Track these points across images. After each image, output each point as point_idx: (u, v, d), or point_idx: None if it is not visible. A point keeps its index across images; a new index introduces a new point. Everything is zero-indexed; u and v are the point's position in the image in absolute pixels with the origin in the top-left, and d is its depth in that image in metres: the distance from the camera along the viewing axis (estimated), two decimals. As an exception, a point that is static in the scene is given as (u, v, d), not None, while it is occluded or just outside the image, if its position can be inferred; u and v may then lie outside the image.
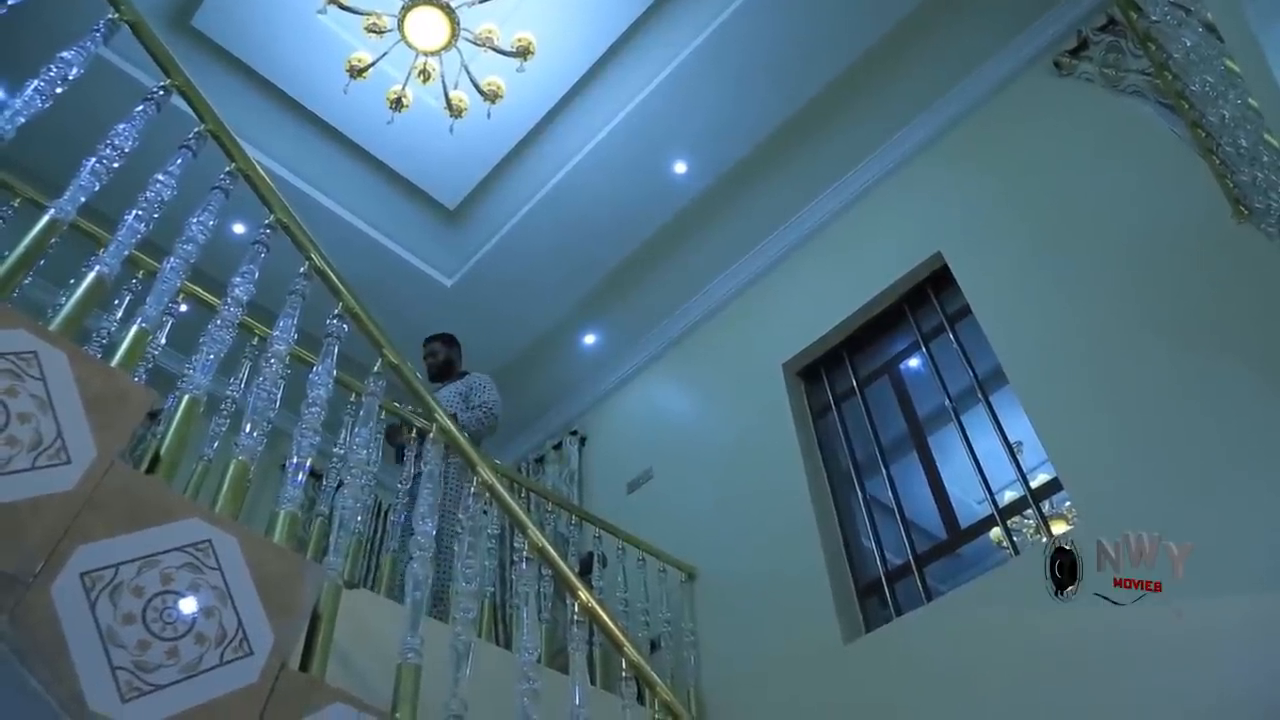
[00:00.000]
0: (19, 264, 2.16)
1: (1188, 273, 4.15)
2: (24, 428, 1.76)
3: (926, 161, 5.88)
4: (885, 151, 6.08)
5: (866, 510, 5.23)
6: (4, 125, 2.21)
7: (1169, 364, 4.02)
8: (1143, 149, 4.57)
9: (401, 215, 6.88)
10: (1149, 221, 4.41)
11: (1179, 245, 4.22)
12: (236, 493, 2.28)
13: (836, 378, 5.94)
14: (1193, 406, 3.85)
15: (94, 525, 1.78)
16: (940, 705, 3.92)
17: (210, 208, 2.66)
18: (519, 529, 3.00)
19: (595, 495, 6.96)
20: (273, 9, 5.75)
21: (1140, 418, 4.00)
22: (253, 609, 1.93)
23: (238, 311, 2.57)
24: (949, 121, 5.81)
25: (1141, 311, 4.23)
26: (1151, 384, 4.04)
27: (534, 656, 2.63)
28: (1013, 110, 5.49)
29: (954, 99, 5.78)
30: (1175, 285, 4.17)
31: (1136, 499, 3.78)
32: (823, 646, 4.63)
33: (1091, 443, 4.13)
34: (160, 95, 2.71)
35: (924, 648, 4.18)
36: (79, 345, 2.08)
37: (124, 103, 2.67)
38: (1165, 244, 4.29)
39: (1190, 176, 3.94)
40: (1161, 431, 3.89)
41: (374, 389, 2.91)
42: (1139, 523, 3.66)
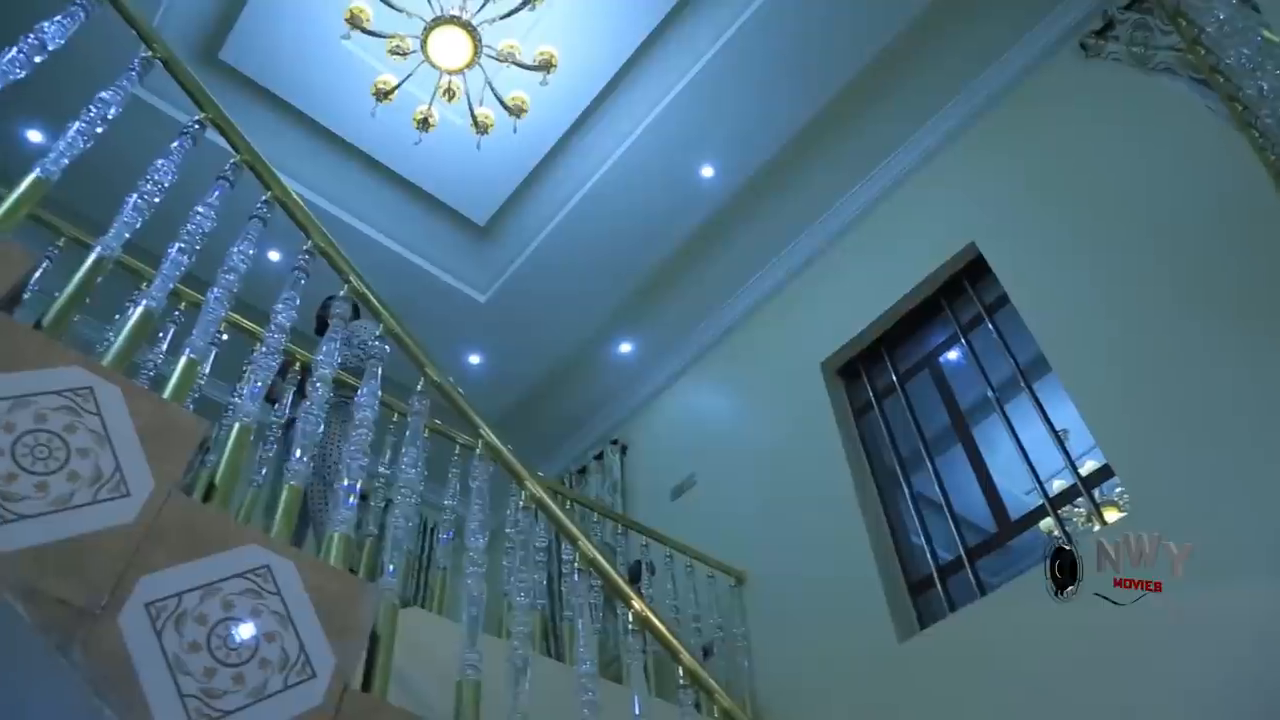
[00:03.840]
0: (70, 302, 2.20)
1: (1229, 249, 4.07)
2: (84, 462, 1.79)
3: (956, 151, 5.82)
4: (913, 144, 6.03)
5: (914, 506, 5.18)
6: (50, 167, 2.25)
7: (1214, 342, 3.95)
8: (1177, 126, 4.49)
9: (433, 234, 6.93)
10: (1187, 199, 4.33)
11: (1219, 221, 4.15)
12: (290, 517, 2.30)
13: (876, 374, 5.89)
14: (1240, 384, 3.78)
15: (155, 556, 1.80)
16: (1002, 699, 3.86)
17: (250, 236, 2.69)
18: (568, 541, 3.00)
19: (639, 504, 6.96)
20: (297, 38, 5.83)
21: (1188, 398, 3.93)
22: (313, 632, 1.94)
23: (282, 338, 2.59)
24: (977, 110, 5.75)
25: (1183, 290, 4.16)
26: (1197, 363, 3.97)
27: (592, 667, 2.62)
28: (1041, 95, 5.42)
29: (980, 87, 5.72)
30: (1216, 262, 4.09)
31: (1189, 481, 3.72)
32: (877, 645, 4.59)
33: (1140, 426, 4.06)
34: (195, 129, 2.75)
35: (981, 642, 4.12)
36: (130, 379, 2.11)
37: (150, 136, 2.71)
38: (1204, 221, 4.21)
39: (1228, 152, 3.85)
40: (1210, 411, 3.82)
41: (419, 407, 2.93)
42: (1192, 505, 3.64)
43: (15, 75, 2.36)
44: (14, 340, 1.89)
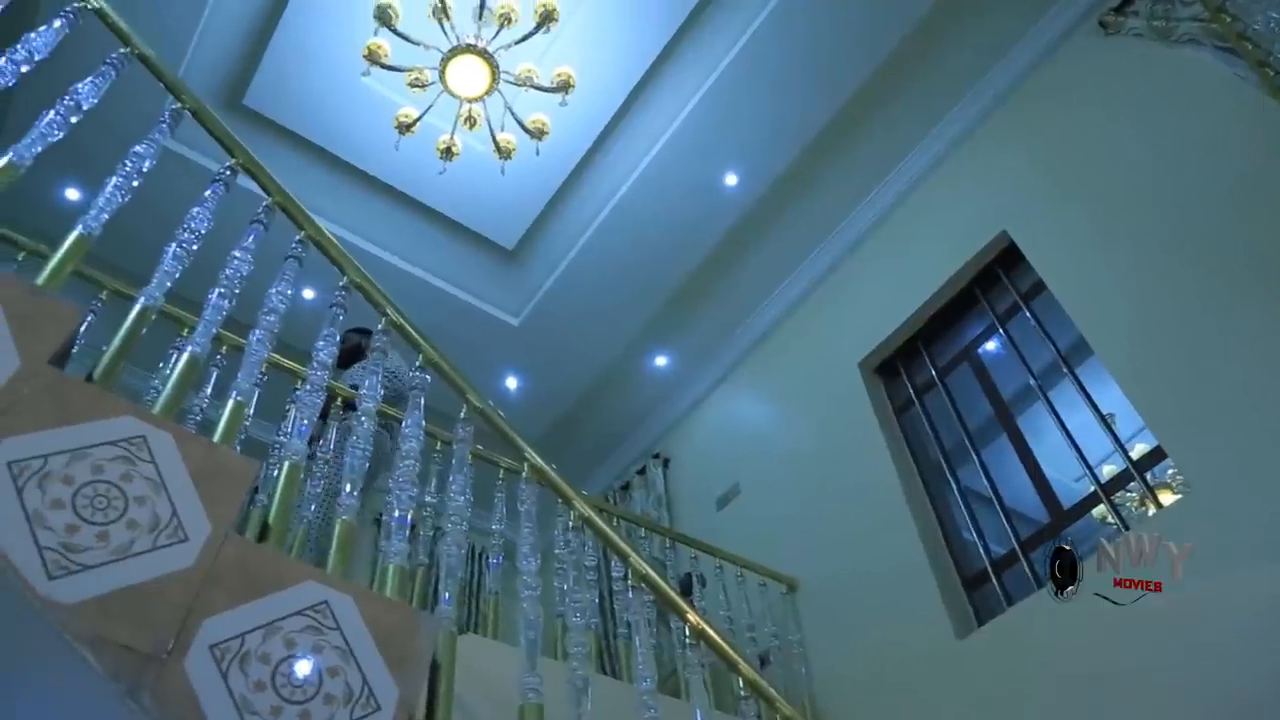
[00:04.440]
0: (118, 354, 2.24)
1: (1266, 217, 3.99)
2: (141, 510, 1.82)
3: (980, 140, 5.77)
4: (936, 136, 5.99)
5: (963, 501, 5.12)
6: (91, 223, 2.30)
7: (1258, 312, 3.87)
8: (1204, 97, 4.42)
9: (463, 261, 6.99)
10: (1220, 169, 4.26)
11: (1254, 189, 4.07)
12: (345, 552, 2.32)
13: (915, 370, 5.84)
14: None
15: (216, 598, 1.83)
16: (1067, 692, 3.79)
17: (287, 276, 2.73)
18: (619, 557, 3.00)
19: (685, 516, 6.94)
20: (317, 79, 5.92)
21: (1235, 372, 3.85)
22: (375, 664, 1.95)
23: (325, 375, 2.62)
24: (998, 97, 5.69)
25: (1222, 261, 4.08)
26: (1242, 335, 3.89)
27: (652, 684, 2.61)
28: (1062, 77, 5.36)
29: (1000, 73, 5.67)
30: (1253, 231, 4.02)
31: (1245, 457, 3.65)
32: (935, 644, 4.53)
33: (1189, 405, 3.98)
34: (227, 175, 2.80)
35: (1042, 636, 4.05)
36: (180, 424, 2.15)
37: (179, 184, 2.76)
38: (1239, 190, 4.14)
39: (1259, 119, 3.81)
40: (1260, 384, 3.74)
41: (463, 434, 2.94)
42: (1251, 483, 3.56)
43: (54, 137, 2.42)
44: (67, 394, 1.93)
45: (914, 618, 4.73)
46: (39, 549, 1.67)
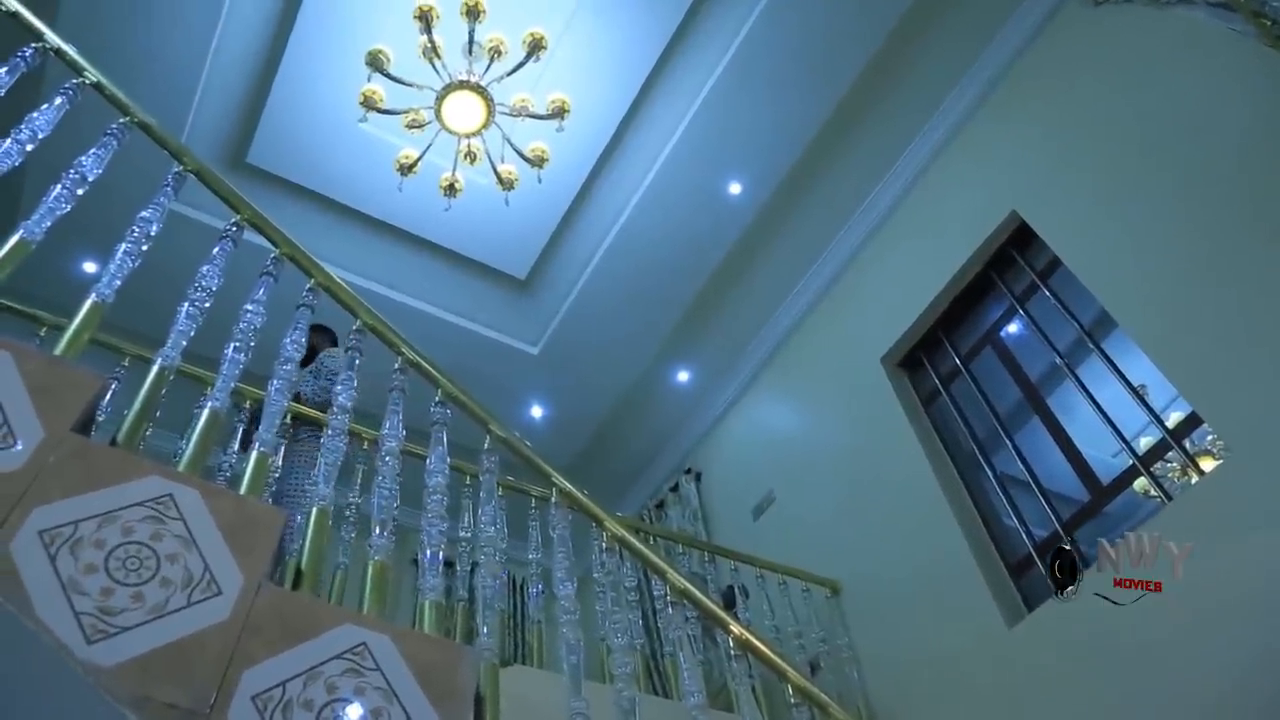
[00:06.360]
0: (140, 416, 2.26)
1: (1277, 166, 3.94)
2: (174, 567, 1.83)
3: (981, 123, 5.74)
4: (936, 124, 5.96)
5: (1000, 487, 5.06)
6: (104, 290, 2.33)
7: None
8: (1201, 56, 4.38)
9: (477, 295, 7.03)
10: (1225, 124, 4.21)
11: (1262, 140, 4.03)
12: (380, 593, 2.32)
13: (938, 360, 5.80)
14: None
15: (255, 649, 1.83)
16: (1125, 672, 3.73)
17: (300, 325, 2.75)
18: (657, 575, 2.98)
19: (722, 528, 6.91)
20: (317, 130, 5.99)
21: (1264, 329, 3.79)
22: (418, 701, 1.94)
23: (346, 419, 2.63)
24: (994, 78, 5.66)
25: (1237, 218, 4.03)
26: (1268, 290, 3.82)
27: (701, 699, 2.59)
28: (1056, 52, 5.33)
29: (994, 54, 5.64)
30: (1267, 182, 3.96)
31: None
32: (985, 635, 4.47)
33: (1221, 367, 3.92)
34: (234, 231, 2.83)
35: (1094, 617, 3.97)
36: (208, 480, 2.16)
37: (185, 244, 2.79)
38: (1246, 143, 4.10)
39: (1261, 72, 3.76)
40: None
41: (488, 465, 2.94)
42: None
43: (62, 210, 2.45)
44: (92, 460, 1.94)
45: (962, 610, 4.67)
46: (75, 615, 1.67)
